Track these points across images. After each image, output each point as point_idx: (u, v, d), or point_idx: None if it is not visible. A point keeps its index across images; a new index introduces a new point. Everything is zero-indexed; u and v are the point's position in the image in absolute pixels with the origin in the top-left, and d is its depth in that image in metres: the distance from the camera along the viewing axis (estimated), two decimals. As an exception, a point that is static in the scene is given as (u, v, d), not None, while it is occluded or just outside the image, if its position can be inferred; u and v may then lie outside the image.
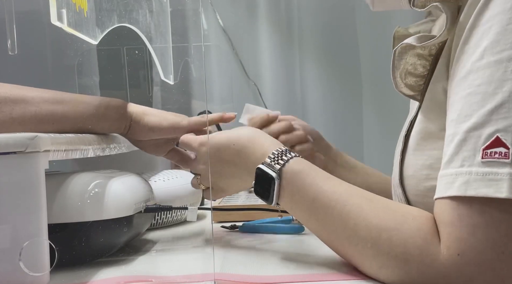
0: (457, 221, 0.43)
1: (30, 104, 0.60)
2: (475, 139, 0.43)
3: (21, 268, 0.47)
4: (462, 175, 0.44)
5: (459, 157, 0.44)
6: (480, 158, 0.42)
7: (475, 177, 0.42)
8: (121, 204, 0.61)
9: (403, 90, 0.63)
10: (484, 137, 0.43)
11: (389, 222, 0.48)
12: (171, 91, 1.40)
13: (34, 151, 0.48)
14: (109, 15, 0.94)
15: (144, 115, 0.69)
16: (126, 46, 1.43)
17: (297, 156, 0.60)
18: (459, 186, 0.44)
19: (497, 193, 0.41)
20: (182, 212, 0.83)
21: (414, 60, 0.59)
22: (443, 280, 0.43)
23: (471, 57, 0.46)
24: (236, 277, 0.53)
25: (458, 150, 0.45)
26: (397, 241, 0.47)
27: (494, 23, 0.44)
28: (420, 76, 0.60)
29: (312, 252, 0.64)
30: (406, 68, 0.60)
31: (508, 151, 0.41)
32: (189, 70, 1.55)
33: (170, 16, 1.26)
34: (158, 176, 0.85)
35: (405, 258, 0.46)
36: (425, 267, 0.44)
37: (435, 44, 0.56)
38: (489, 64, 0.44)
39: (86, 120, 0.65)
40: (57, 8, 0.66)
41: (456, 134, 0.45)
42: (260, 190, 0.60)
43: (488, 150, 0.42)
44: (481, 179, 0.42)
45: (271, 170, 0.58)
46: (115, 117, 0.68)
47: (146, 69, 1.50)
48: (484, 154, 0.42)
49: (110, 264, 0.60)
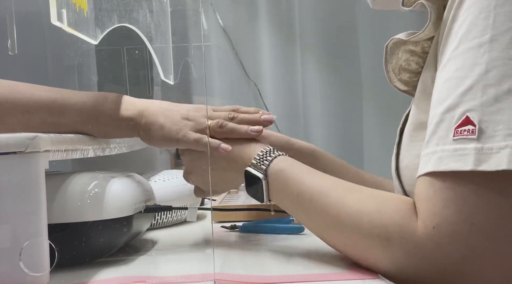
0: (432, 196, 0.46)
1: (34, 114, 0.60)
2: (449, 120, 0.47)
3: (21, 268, 0.47)
4: (437, 153, 0.47)
5: (435, 137, 0.48)
6: (452, 136, 0.46)
7: (447, 153, 0.46)
8: (121, 204, 0.61)
9: (396, 84, 0.67)
10: (456, 117, 0.46)
11: (369, 207, 0.52)
12: (171, 91, 1.40)
13: (34, 151, 0.48)
14: (109, 15, 0.94)
15: (151, 125, 0.67)
16: (126, 46, 1.42)
17: (282, 154, 0.63)
18: (434, 162, 0.47)
19: (464, 166, 0.44)
20: (182, 212, 0.83)
21: (407, 56, 0.63)
22: (421, 252, 0.46)
23: (450, 47, 0.49)
24: (236, 277, 0.53)
25: (435, 130, 0.48)
26: (378, 222, 0.50)
27: (468, 13, 0.48)
28: (414, 72, 0.65)
29: (312, 252, 0.64)
30: (400, 64, 0.64)
31: (475, 128, 0.44)
32: (189, 70, 1.55)
33: (170, 16, 1.26)
34: (158, 176, 0.85)
35: (386, 237, 0.49)
36: (405, 242, 0.47)
37: (426, 41, 0.60)
38: (463, 51, 0.47)
39: (86, 125, 0.64)
40: (57, 8, 0.66)
41: (434, 117, 0.49)
42: (251, 191, 0.64)
43: (459, 128, 0.45)
44: (452, 155, 0.45)
45: (257, 171, 0.62)
46: (110, 121, 0.66)
47: (146, 69, 1.49)
48: (455, 132, 0.46)
49: (110, 264, 0.60)
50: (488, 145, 0.43)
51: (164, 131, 0.67)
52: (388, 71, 0.66)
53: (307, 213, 0.58)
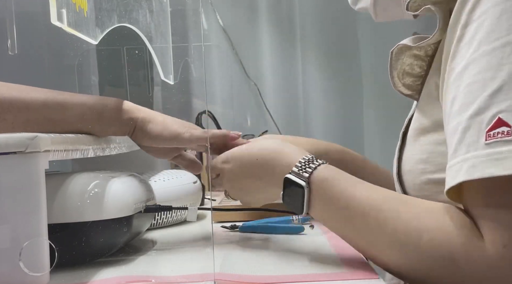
0: (488, 209, 0.43)
1: (33, 112, 0.60)
2: (478, 125, 0.43)
3: (21, 268, 0.47)
4: (469, 160, 0.43)
5: (464, 144, 0.44)
6: (484, 140, 0.42)
7: (481, 159, 0.42)
8: (121, 204, 0.61)
9: (401, 89, 0.65)
10: (487, 120, 0.43)
11: (429, 223, 0.47)
12: (171, 91, 1.40)
13: (34, 151, 0.48)
14: (109, 15, 0.94)
15: (148, 122, 0.68)
16: (126, 46, 1.42)
17: (324, 162, 0.59)
18: (466, 170, 0.43)
19: (504, 171, 0.41)
20: (182, 212, 0.83)
21: (410, 60, 0.61)
22: (494, 274, 0.43)
23: (467, 51, 0.47)
24: (236, 277, 0.53)
25: (463, 137, 0.45)
26: (440, 241, 0.46)
27: (486, 17, 0.45)
28: (417, 76, 0.63)
29: (312, 252, 0.64)
30: (404, 69, 0.62)
31: (510, 129, 0.41)
32: (189, 70, 1.55)
33: (170, 16, 1.26)
34: (158, 176, 0.85)
35: (451, 257, 0.45)
36: (474, 264, 0.44)
37: (430, 45, 0.58)
38: (485, 52, 0.45)
39: (86, 124, 0.64)
40: (57, 8, 0.66)
41: (460, 124, 0.45)
42: (290, 200, 0.59)
43: (491, 131, 0.42)
44: (486, 161, 0.42)
45: (299, 178, 0.57)
46: (114, 120, 0.67)
47: (146, 69, 1.49)
48: (487, 136, 0.42)
49: (110, 264, 0.60)
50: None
51: (165, 125, 0.68)
52: (393, 77, 0.64)
53: (358, 228, 0.53)
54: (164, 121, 0.69)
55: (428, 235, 0.46)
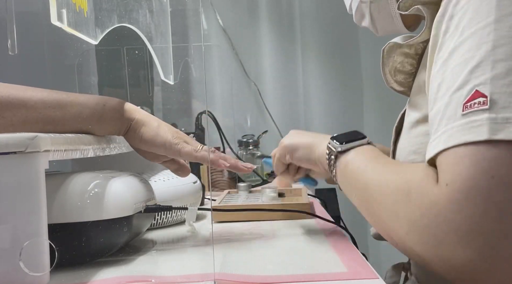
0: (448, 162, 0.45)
1: (32, 110, 0.60)
2: (457, 99, 0.45)
3: (21, 268, 0.47)
4: (446, 132, 0.45)
5: (444, 119, 0.46)
6: (461, 111, 0.44)
7: (457, 128, 0.44)
8: (121, 204, 0.61)
9: (393, 86, 0.70)
10: (465, 94, 0.45)
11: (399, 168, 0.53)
12: (171, 91, 1.40)
13: (34, 151, 0.48)
14: (109, 15, 0.94)
15: (142, 125, 0.68)
16: (126, 46, 1.43)
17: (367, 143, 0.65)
18: (444, 140, 0.45)
19: (477, 137, 0.42)
20: (182, 212, 0.83)
21: (401, 58, 0.66)
22: (435, 209, 0.44)
23: (452, 41, 0.49)
24: (236, 277, 0.53)
25: (444, 114, 0.47)
26: (402, 177, 0.50)
27: (468, 6, 0.48)
28: (408, 73, 0.68)
29: (312, 252, 0.64)
30: (395, 66, 0.67)
31: (486, 99, 0.43)
32: (189, 70, 1.55)
33: (170, 16, 1.26)
34: (158, 176, 0.85)
35: (407, 191, 0.48)
36: (421, 198, 0.46)
37: (419, 43, 0.63)
38: (468, 36, 0.47)
39: (85, 123, 0.64)
40: (57, 8, 0.67)
41: (443, 103, 0.47)
42: (341, 137, 0.65)
43: (468, 103, 0.44)
44: (462, 129, 0.44)
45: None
46: (114, 118, 0.67)
47: (146, 69, 1.50)
48: (464, 107, 0.44)
49: (110, 264, 0.60)
50: (502, 114, 0.42)
51: (158, 132, 0.68)
52: (385, 74, 0.69)
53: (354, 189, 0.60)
54: (158, 127, 0.68)
55: (396, 175, 0.51)
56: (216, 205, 0.89)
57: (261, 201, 0.94)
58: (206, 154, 0.69)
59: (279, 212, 0.85)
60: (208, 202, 1.00)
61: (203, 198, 0.96)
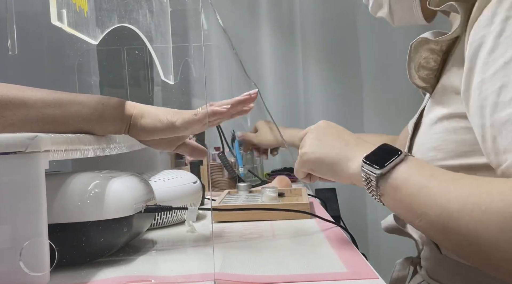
0: None
1: (32, 109, 0.60)
2: None
3: (21, 268, 0.47)
4: None
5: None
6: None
7: None
8: (121, 204, 0.61)
9: (416, 81, 0.69)
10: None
11: (499, 186, 0.46)
12: (171, 91, 1.40)
13: (34, 151, 0.48)
14: (109, 15, 0.94)
15: (140, 117, 0.69)
16: (126, 46, 1.43)
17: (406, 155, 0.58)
18: None
19: None
20: (182, 212, 0.83)
21: (427, 54, 0.65)
22: None
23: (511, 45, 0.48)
24: (236, 277, 0.53)
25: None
26: (503, 204, 0.45)
27: None
28: (431, 69, 0.67)
29: (312, 252, 0.64)
30: (420, 62, 0.66)
31: None
32: (189, 70, 1.55)
33: (170, 16, 1.26)
34: (158, 176, 0.85)
35: None
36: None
37: (446, 41, 0.62)
38: None
39: (86, 122, 0.64)
40: (57, 8, 0.67)
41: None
42: (375, 158, 0.58)
43: None
44: None
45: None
46: (114, 118, 0.67)
47: (146, 69, 1.50)
48: None
49: (110, 264, 0.60)
50: None
51: (157, 118, 0.69)
52: (410, 68, 0.67)
53: None
54: (156, 114, 0.70)
55: (499, 195, 0.45)
56: (216, 205, 0.89)
57: (261, 201, 0.94)
58: (205, 111, 0.70)
59: (279, 211, 0.85)
60: (208, 202, 1.00)
61: (203, 198, 0.96)
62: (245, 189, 1.08)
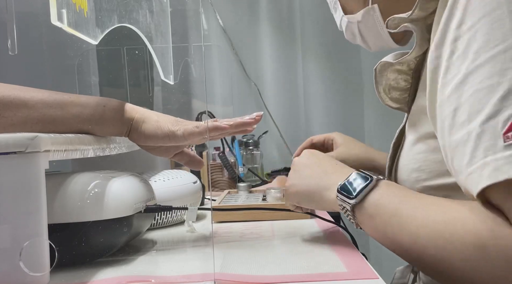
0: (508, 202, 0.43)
1: (32, 109, 0.60)
2: (493, 129, 0.44)
3: (21, 268, 0.47)
4: (489, 164, 0.44)
5: (481, 149, 0.45)
6: (502, 142, 0.43)
7: (503, 161, 0.42)
8: (121, 204, 0.61)
9: (389, 103, 0.71)
10: (501, 124, 0.43)
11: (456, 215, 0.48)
12: (171, 91, 1.40)
13: (34, 151, 0.48)
14: (109, 15, 0.94)
15: (142, 122, 0.69)
16: (126, 46, 1.43)
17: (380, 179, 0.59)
18: (489, 174, 0.43)
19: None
20: (182, 212, 0.83)
21: (394, 75, 0.67)
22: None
23: (463, 64, 0.48)
24: (236, 277, 0.53)
25: (478, 143, 0.45)
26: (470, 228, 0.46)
27: (477, 28, 0.47)
28: (403, 89, 0.68)
29: (312, 252, 0.64)
30: (389, 84, 0.68)
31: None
32: (189, 70, 1.55)
33: (170, 16, 1.26)
34: (158, 176, 0.85)
35: (480, 244, 0.45)
36: (502, 249, 0.43)
37: (412, 59, 0.63)
38: (486, 61, 0.46)
39: (86, 123, 0.65)
40: (57, 8, 0.66)
41: (471, 132, 0.46)
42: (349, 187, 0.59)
43: (508, 133, 0.43)
44: (509, 162, 0.42)
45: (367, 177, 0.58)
46: (114, 120, 0.67)
47: (146, 69, 1.50)
48: (505, 138, 0.43)
49: (110, 264, 0.60)
50: None
51: (158, 125, 0.68)
52: (380, 92, 0.69)
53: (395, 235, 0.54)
54: (157, 120, 0.69)
55: (461, 224, 0.46)
56: (216, 205, 0.89)
57: (267, 201, 0.94)
58: (206, 126, 0.70)
59: (279, 211, 0.85)
60: (208, 202, 1.00)
61: (203, 198, 0.96)
62: (245, 189, 1.08)
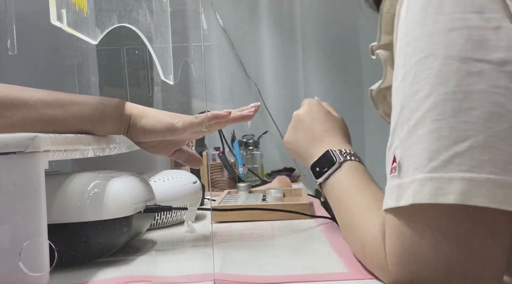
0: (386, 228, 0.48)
1: (32, 109, 0.60)
2: (388, 159, 0.48)
3: (21, 268, 0.47)
4: (384, 192, 0.48)
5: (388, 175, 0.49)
6: (389, 174, 0.47)
7: (386, 193, 0.47)
8: (121, 204, 0.61)
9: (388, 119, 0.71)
10: (391, 156, 0.47)
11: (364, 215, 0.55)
12: (171, 91, 1.40)
13: (34, 151, 0.48)
14: (109, 15, 0.94)
15: (140, 118, 0.69)
16: (126, 46, 1.43)
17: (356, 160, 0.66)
18: (384, 201, 0.48)
19: (391, 204, 0.45)
20: (182, 212, 0.83)
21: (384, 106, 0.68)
22: (387, 272, 0.47)
23: None
24: (236, 277, 0.53)
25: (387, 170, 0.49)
26: (361, 234, 0.53)
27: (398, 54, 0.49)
28: None
29: (312, 252, 0.64)
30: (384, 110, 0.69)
31: (396, 165, 0.45)
32: (189, 70, 1.55)
33: (170, 16, 1.26)
34: (158, 176, 0.85)
35: (363, 245, 0.52)
36: (376, 260, 0.49)
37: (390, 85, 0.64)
38: (393, 91, 0.49)
39: (86, 122, 0.65)
40: (57, 8, 0.67)
41: (387, 158, 0.50)
42: (319, 166, 0.66)
43: (392, 166, 0.46)
44: (387, 192, 0.47)
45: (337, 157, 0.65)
46: (114, 118, 0.67)
47: (146, 69, 1.50)
48: (391, 170, 0.46)
49: (110, 264, 0.60)
50: (404, 179, 0.44)
51: (157, 119, 0.69)
52: (381, 115, 0.70)
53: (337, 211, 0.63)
54: (156, 115, 0.70)
55: (359, 226, 0.54)
56: (216, 205, 0.89)
57: (267, 201, 0.94)
58: (205, 115, 0.70)
59: (279, 212, 0.85)
60: (208, 202, 1.00)
61: (203, 198, 0.96)
62: (245, 189, 1.08)
